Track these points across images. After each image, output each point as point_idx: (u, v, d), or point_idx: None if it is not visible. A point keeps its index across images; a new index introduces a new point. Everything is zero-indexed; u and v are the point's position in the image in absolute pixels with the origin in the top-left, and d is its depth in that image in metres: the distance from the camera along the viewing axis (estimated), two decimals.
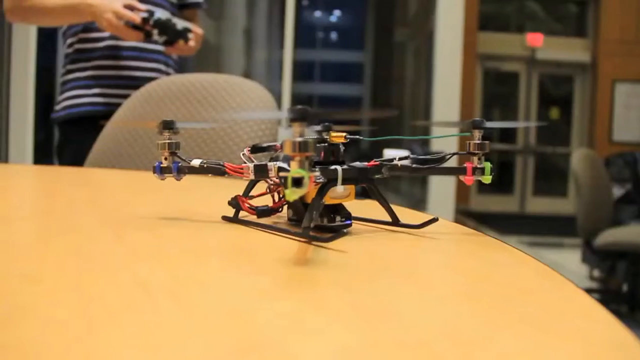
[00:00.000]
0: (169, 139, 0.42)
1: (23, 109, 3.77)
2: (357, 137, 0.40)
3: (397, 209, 0.48)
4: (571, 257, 4.47)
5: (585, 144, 7.45)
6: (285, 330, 0.19)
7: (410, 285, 0.25)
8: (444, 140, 5.01)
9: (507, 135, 7.86)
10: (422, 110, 6.57)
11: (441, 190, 3.89)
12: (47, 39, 3.99)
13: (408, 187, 6.82)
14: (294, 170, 0.28)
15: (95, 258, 0.28)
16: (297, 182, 0.27)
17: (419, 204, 5.67)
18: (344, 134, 0.39)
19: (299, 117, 0.28)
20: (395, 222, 0.40)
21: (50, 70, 4.27)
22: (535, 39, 7.40)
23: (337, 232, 0.33)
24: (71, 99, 1.44)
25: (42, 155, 4.18)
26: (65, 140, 1.46)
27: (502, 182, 7.81)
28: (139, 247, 0.31)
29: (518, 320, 0.21)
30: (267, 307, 0.21)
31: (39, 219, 0.40)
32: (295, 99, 6.27)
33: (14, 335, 0.17)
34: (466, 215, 6.84)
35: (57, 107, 1.48)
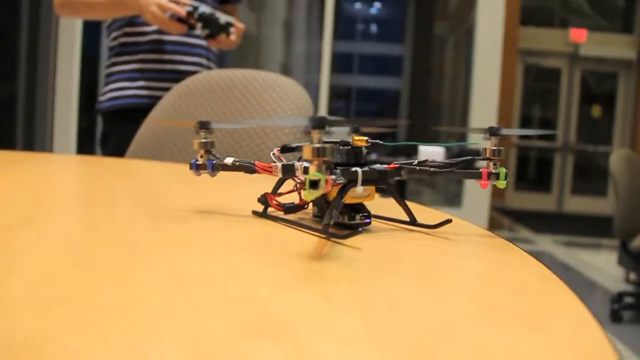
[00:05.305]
0: (204, 139, 0.45)
1: (68, 100, 3.89)
2: (378, 141, 0.43)
3: (421, 208, 0.50)
4: (608, 259, 4.40)
5: (627, 142, 7.28)
6: (296, 317, 0.22)
7: (414, 283, 0.28)
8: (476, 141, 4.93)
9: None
10: (461, 105, 6.52)
11: (477, 186, 3.87)
12: (91, 31, 4.11)
13: (444, 183, 6.79)
14: (312, 173, 0.31)
15: (134, 248, 0.32)
16: (314, 184, 0.30)
17: (454, 199, 5.65)
18: (366, 137, 0.42)
19: (318, 125, 0.31)
20: (412, 221, 0.43)
21: (94, 60, 4.39)
22: (578, 35, 7.25)
23: (354, 230, 0.36)
24: (116, 91, 1.50)
25: (86, 142, 4.31)
26: (109, 130, 1.52)
27: (540, 180, 7.69)
28: (174, 238, 0.35)
29: (510, 319, 0.23)
30: (283, 297, 0.24)
31: (84, 209, 0.44)
32: (334, 91, 6.30)
33: (70, 314, 0.21)
34: (502, 213, 6.77)
35: (102, 98, 1.54)
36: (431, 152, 2.51)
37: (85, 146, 4.31)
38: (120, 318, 0.20)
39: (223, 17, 1.44)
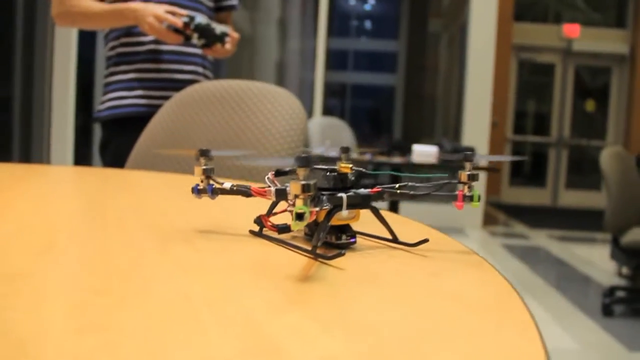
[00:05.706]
0: (205, 165, 0.49)
1: (64, 104, 3.92)
2: (361, 169, 0.47)
3: (405, 221, 0.55)
4: (601, 253, 4.46)
5: (621, 137, 7.33)
6: (287, 338, 0.26)
7: (391, 302, 0.32)
8: (475, 141, 5.01)
9: (541, 127, 7.76)
10: (455, 101, 6.57)
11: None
12: (87, 33, 4.14)
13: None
14: (298, 206, 0.35)
15: (147, 273, 0.36)
16: (300, 217, 0.35)
17: (449, 196, 5.69)
18: (351, 165, 0.46)
19: (304, 164, 0.36)
20: (394, 239, 0.47)
21: (90, 62, 4.43)
22: (572, 30, 7.30)
23: (338, 252, 0.40)
24: (115, 100, 1.54)
25: (82, 144, 4.35)
26: (109, 139, 1.56)
27: (535, 175, 7.75)
28: (181, 261, 0.39)
29: (466, 335, 0.28)
30: (276, 319, 0.28)
31: (96, 233, 0.48)
32: (328, 88, 6.33)
33: (100, 341, 0.25)
34: (497, 208, 6.83)
35: (101, 107, 1.58)
36: (425, 152, 2.57)
37: (82, 148, 4.35)
38: (140, 343, 0.25)
39: (219, 28, 1.48)
